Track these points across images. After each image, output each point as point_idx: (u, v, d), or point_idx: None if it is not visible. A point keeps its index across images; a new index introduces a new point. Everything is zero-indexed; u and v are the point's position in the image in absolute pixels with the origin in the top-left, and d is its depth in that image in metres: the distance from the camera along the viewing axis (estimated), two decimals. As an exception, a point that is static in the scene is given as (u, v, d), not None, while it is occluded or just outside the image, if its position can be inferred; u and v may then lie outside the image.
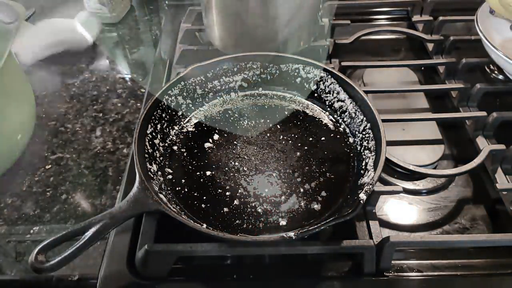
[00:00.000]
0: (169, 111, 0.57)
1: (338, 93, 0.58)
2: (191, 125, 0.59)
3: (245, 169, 0.53)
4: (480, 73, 0.71)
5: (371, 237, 0.45)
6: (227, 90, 0.63)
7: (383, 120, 0.52)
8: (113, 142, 0.61)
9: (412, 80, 0.70)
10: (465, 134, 0.60)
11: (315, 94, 0.61)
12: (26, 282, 0.46)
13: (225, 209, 0.49)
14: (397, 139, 0.58)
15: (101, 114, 0.66)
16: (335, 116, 0.60)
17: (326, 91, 0.60)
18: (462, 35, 0.73)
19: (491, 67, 0.71)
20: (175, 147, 0.56)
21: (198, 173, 0.53)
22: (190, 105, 0.60)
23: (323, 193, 0.50)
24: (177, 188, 0.51)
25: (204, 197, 0.50)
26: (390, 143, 0.52)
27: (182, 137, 0.57)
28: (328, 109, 0.60)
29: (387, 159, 0.50)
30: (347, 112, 0.58)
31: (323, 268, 0.45)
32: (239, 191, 0.50)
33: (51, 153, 0.60)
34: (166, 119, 0.57)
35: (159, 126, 0.55)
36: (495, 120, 0.56)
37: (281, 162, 0.54)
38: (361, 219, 0.47)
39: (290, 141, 0.56)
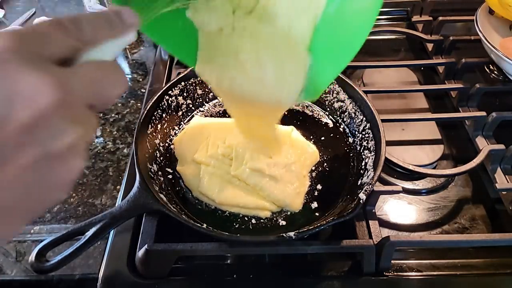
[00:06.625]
0: (170, 111, 0.58)
1: (337, 93, 0.59)
2: (191, 125, 0.59)
3: (245, 169, 0.53)
4: (480, 73, 0.71)
5: (370, 237, 0.45)
6: (227, 90, 0.63)
7: (383, 120, 0.52)
8: (114, 142, 0.61)
9: (412, 80, 0.70)
10: (465, 134, 0.60)
11: (315, 94, 0.62)
12: (26, 282, 0.46)
13: (225, 209, 0.49)
14: (397, 139, 0.58)
15: (101, 114, 0.66)
16: (335, 116, 0.60)
17: (326, 91, 0.60)
18: (461, 35, 0.73)
19: (491, 67, 0.71)
20: (175, 147, 0.56)
21: (198, 173, 0.53)
22: (190, 105, 0.61)
23: (323, 193, 0.50)
24: (177, 188, 0.51)
25: (204, 197, 0.50)
26: (389, 143, 0.52)
27: (182, 137, 0.57)
28: (328, 109, 0.60)
29: (386, 159, 0.50)
30: (347, 112, 0.58)
31: (323, 268, 0.46)
32: (239, 191, 0.51)
33: (52, 153, 0.60)
34: (166, 119, 0.57)
35: (159, 126, 0.55)
36: (495, 120, 0.56)
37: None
38: (361, 219, 0.47)
39: (290, 141, 0.56)
